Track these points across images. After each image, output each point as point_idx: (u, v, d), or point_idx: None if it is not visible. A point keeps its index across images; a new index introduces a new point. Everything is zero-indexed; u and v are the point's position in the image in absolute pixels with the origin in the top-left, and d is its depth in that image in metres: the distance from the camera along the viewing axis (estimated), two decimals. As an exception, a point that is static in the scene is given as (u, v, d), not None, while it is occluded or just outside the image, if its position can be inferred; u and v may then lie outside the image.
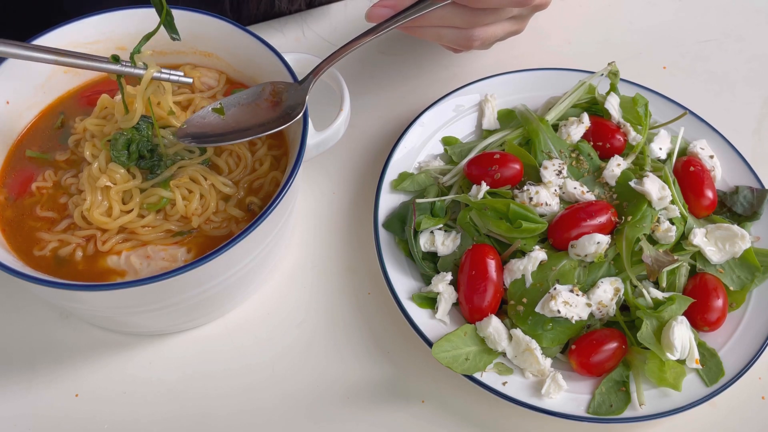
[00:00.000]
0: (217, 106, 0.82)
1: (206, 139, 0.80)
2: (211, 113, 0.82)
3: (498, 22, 0.91)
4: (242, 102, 0.83)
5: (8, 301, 0.88)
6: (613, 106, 1.00)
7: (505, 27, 0.94)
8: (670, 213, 0.89)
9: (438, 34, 0.91)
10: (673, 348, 0.79)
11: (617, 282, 0.84)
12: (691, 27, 1.21)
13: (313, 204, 0.98)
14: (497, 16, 0.90)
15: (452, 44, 0.93)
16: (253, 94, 0.83)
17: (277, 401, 0.83)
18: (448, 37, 0.91)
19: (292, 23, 1.16)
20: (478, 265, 0.84)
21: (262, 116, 0.82)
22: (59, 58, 0.76)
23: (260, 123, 0.81)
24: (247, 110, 0.82)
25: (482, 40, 0.92)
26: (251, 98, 0.83)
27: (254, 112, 0.82)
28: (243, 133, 0.80)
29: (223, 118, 0.81)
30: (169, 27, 0.78)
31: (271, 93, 0.83)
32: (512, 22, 0.94)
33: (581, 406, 0.80)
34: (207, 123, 0.81)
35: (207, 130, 0.81)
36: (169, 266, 0.78)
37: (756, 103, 1.12)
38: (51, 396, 0.83)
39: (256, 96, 0.83)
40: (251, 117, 0.82)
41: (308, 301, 0.90)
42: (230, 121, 0.81)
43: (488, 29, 0.91)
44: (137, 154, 0.82)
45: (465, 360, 0.80)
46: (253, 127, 0.80)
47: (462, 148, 0.99)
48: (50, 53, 0.76)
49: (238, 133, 0.80)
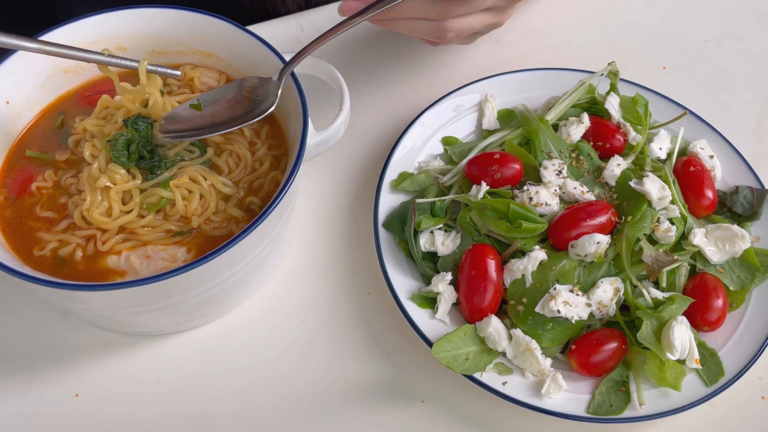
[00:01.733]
0: (195, 102, 0.83)
1: (184, 134, 0.81)
2: (189, 109, 0.83)
3: (472, 13, 0.90)
4: (219, 98, 0.84)
5: (8, 301, 0.88)
6: (613, 106, 1.00)
7: (482, 19, 0.92)
8: (670, 213, 0.89)
9: (411, 27, 0.90)
10: (673, 348, 0.79)
11: (617, 282, 0.84)
12: (691, 27, 1.21)
13: (313, 204, 0.98)
14: (470, 7, 0.88)
15: (426, 36, 0.91)
16: (229, 89, 0.85)
17: (277, 401, 0.83)
18: (422, 29, 0.90)
19: (292, 23, 1.16)
20: (478, 265, 0.84)
21: (238, 111, 0.83)
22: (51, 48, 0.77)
23: (235, 117, 0.82)
24: (224, 106, 0.84)
25: (457, 32, 0.90)
26: (228, 94, 0.85)
27: (231, 108, 0.83)
28: (218, 128, 0.81)
29: (201, 113, 0.83)
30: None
31: (247, 88, 0.84)
32: (489, 14, 0.92)
33: (581, 406, 0.80)
34: (184, 119, 0.83)
35: (184, 125, 0.82)
36: (169, 266, 0.78)
37: (756, 103, 1.12)
38: (51, 396, 0.83)
39: (232, 91, 0.85)
40: (227, 112, 0.83)
41: (308, 301, 0.90)
42: (207, 117, 0.83)
43: (462, 21, 0.90)
44: (137, 154, 0.82)
45: (465, 360, 0.80)
46: (227, 122, 0.82)
47: (462, 148, 0.99)
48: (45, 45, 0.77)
49: (213, 128, 0.82)
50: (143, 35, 0.92)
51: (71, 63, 0.91)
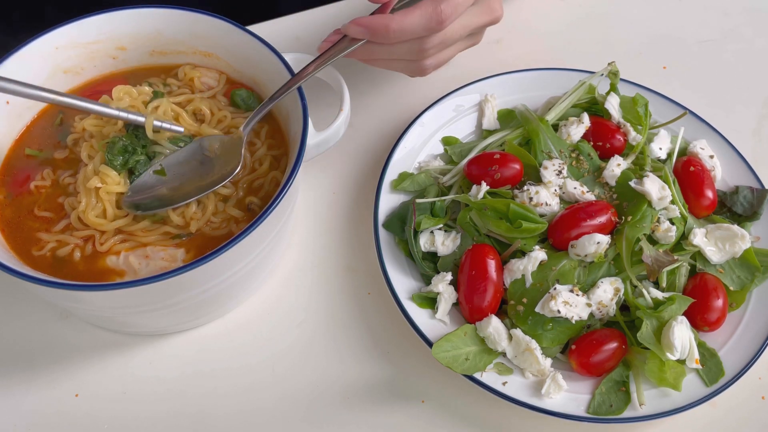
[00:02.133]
0: (158, 167, 0.82)
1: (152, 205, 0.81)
2: (153, 176, 0.82)
3: (446, 48, 0.91)
4: (181, 160, 0.83)
5: (8, 301, 0.88)
6: (613, 106, 1.00)
7: (459, 47, 0.93)
8: (670, 213, 0.89)
9: (389, 66, 0.92)
10: (673, 348, 0.79)
11: (617, 282, 0.84)
12: (691, 27, 1.21)
13: (313, 204, 0.98)
14: (443, 44, 0.89)
15: (406, 73, 0.94)
16: (190, 151, 0.84)
17: (276, 401, 0.83)
18: (400, 68, 0.92)
19: (292, 23, 1.16)
20: (478, 265, 0.84)
21: (203, 171, 0.83)
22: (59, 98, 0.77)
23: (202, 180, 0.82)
24: (188, 167, 0.83)
25: (435, 66, 0.92)
26: (189, 156, 0.84)
27: (196, 169, 0.83)
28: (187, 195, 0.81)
29: (165, 178, 0.82)
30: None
31: (208, 148, 0.84)
32: (464, 40, 0.94)
33: (581, 406, 0.80)
34: (151, 187, 0.82)
35: (152, 194, 0.82)
36: (169, 266, 0.78)
37: (756, 103, 1.12)
38: (51, 396, 0.83)
39: (193, 152, 0.84)
40: (193, 173, 0.83)
41: (308, 301, 0.90)
42: (174, 181, 0.82)
43: (439, 55, 0.91)
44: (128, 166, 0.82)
45: (465, 360, 0.80)
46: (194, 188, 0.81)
47: (462, 148, 0.99)
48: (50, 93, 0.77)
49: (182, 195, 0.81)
50: (143, 35, 0.92)
51: (71, 63, 0.91)
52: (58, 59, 0.89)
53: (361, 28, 0.85)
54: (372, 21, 0.84)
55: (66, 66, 0.91)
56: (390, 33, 0.84)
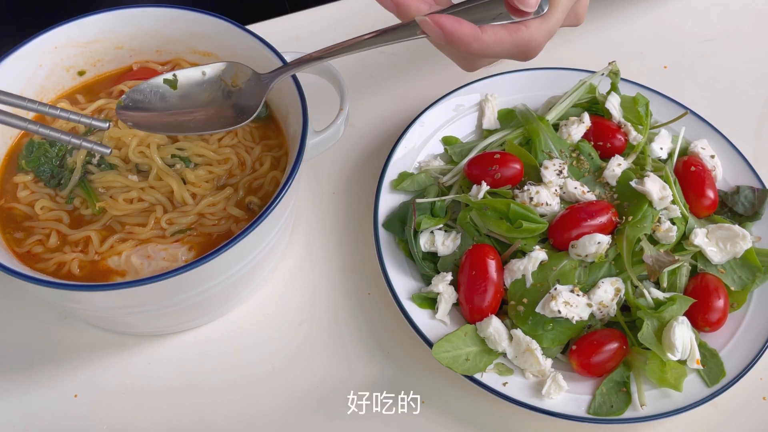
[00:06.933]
0: (170, 77, 0.73)
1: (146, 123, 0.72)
2: (162, 84, 0.72)
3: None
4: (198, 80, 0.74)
5: (8, 301, 0.88)
6: (614, 105, 1.00)
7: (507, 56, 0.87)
8: (671, 213, 0.89)
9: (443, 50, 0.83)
10: (674, 348, 0.79)
11: (618, 282, 0.84)
12: (692, 27, 1.21)
13: (313, 204, 0.98)
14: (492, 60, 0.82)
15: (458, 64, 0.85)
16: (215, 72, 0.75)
17: (276, 400, 0.83)
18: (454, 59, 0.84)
19: (292, 22, 1.16)
20: (478, 265, 0.84)
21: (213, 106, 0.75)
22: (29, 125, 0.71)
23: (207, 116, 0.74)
24: (201, 92, 0.75)
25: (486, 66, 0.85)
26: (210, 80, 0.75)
27: (208, 98, 0.75)
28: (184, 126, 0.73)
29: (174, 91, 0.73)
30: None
31: (232, 78, 0.75)
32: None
33: (582, 406, 0.80)
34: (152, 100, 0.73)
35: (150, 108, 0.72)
36: (170, 266, 0.78)
37: (757, 102, 1.11)
38: (50, 396, 0.82)
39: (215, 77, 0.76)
40: (202, 103, 0.74)
41: (308, 301, 0.90)
42: (178, 102, 0.73)
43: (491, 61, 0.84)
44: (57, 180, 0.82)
45: (465, 360, 0.80)
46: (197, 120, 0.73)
47: (462, 148, 0.98)
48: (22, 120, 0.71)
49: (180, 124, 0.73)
50: (142, 35, 0.92)
51: (71, 63, 0.91)
52: (58, 59, 0.89)
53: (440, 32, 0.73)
54: (455, 31, 0.72)
55: (66, 66, 0.91)
56: (471, 50, 0.74)
